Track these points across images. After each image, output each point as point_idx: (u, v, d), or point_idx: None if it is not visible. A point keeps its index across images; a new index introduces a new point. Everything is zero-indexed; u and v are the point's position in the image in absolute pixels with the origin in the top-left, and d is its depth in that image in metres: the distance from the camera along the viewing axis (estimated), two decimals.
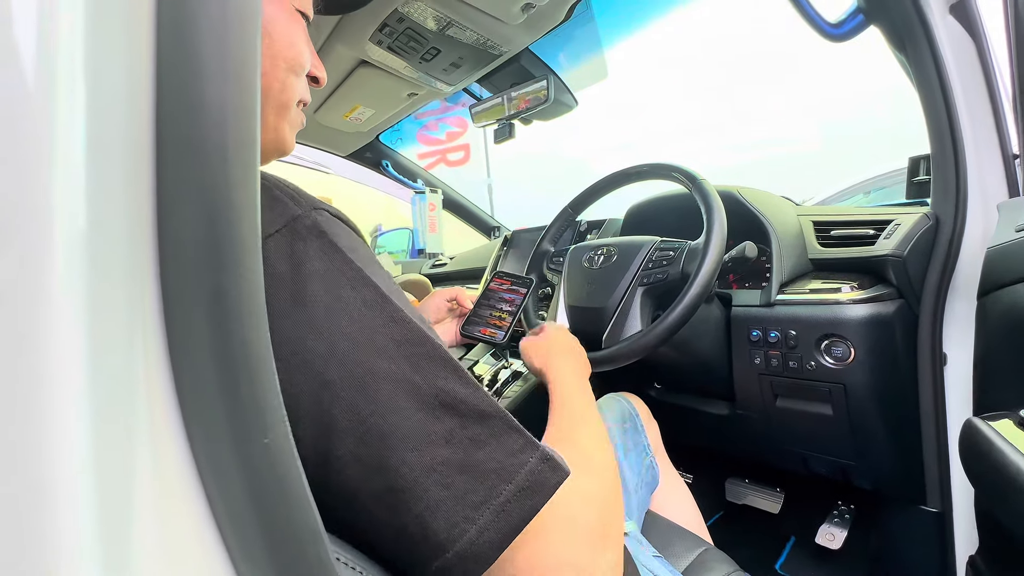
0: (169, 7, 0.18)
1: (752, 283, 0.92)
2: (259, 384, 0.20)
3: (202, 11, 0.19)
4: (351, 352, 0.27)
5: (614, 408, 0.83)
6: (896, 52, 0.77)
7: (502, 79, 1.26)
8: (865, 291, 0.74)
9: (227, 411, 0.19)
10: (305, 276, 0.28)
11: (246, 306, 0.19)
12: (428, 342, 0.30)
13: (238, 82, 0.20)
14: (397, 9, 0.97)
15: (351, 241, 0.31)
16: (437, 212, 1.90)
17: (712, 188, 0.74)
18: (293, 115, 0.44)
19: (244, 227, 0.20)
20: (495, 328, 0.78)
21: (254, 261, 0.20)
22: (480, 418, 0.29)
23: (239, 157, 0.20)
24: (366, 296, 0.29)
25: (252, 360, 0.20)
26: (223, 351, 0.19)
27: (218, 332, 0.19)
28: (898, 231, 0.75)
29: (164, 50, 0.18)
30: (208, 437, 0.19)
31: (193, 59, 0.19)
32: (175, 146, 0.18)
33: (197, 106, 0.19)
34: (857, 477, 0.86)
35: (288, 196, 0.31)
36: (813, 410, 0.80)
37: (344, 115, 1.49)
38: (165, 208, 0.18)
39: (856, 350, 0.73)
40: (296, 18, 0.42)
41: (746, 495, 1.14)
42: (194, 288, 0.18)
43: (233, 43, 0.19)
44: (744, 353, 0.84)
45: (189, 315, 0.18)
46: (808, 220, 0.90)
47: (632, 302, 0.75)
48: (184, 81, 0.18)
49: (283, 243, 0.28)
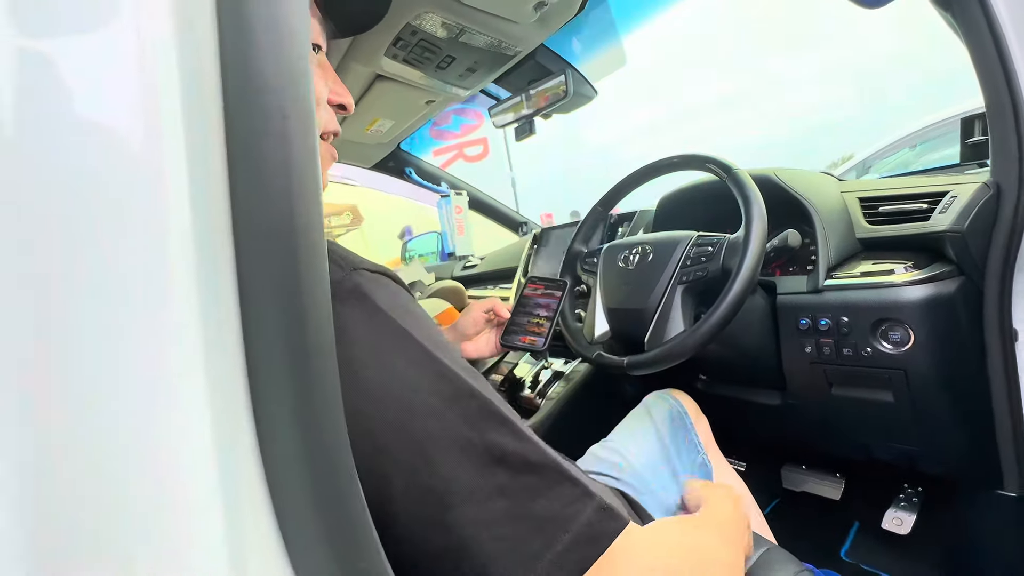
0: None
1: (797, 268, 0.88)
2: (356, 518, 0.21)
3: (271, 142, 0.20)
4: (401, 415, 0.28)
5: (661, 407, 0.82)
6: (940, 9, 0.72)
7: (519, 77, 1.24)
8: (922, 271, 0.70)
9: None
10: (350, 342, 0.29)
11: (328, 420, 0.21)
12: (476, 395, 0.30)
13: (301, 177, 0.20)
14: (409, 23, 0.97)
15: (394, 298, 0.32)
16: (464, 214, 1.90)
17: (748, 177, 0.72)
18: (320, 149, 0.44)
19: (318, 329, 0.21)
20: (534, 335, 0.78)
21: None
22: (533, 469, 0.29)
23: (307, 239, 0.21)
24: (412, 355, 0.30)
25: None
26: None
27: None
28: (955, 204, 0.70)
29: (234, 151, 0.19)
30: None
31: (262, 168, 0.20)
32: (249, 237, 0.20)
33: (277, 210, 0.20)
34: (925, 463, 0.83)
35: (329, 259, 0.31)
36: (872, 397, 0.77)
37: (365, 128, 1.51)
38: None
39: (916, 334, 0.69)
40: None
41: (804, 482, 1.11)
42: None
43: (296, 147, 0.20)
44: (793, 342, 0.81)
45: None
46: (853, 197, 0.85)
47: (672, 301, 0.74)
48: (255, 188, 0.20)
49: None
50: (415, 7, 0.92)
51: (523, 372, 1.27)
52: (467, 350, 0.77)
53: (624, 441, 0.77)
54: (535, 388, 1.20)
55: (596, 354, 0.81)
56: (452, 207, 1.90)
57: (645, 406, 0.83)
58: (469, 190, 1.95)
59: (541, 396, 1.17)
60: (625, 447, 0.75)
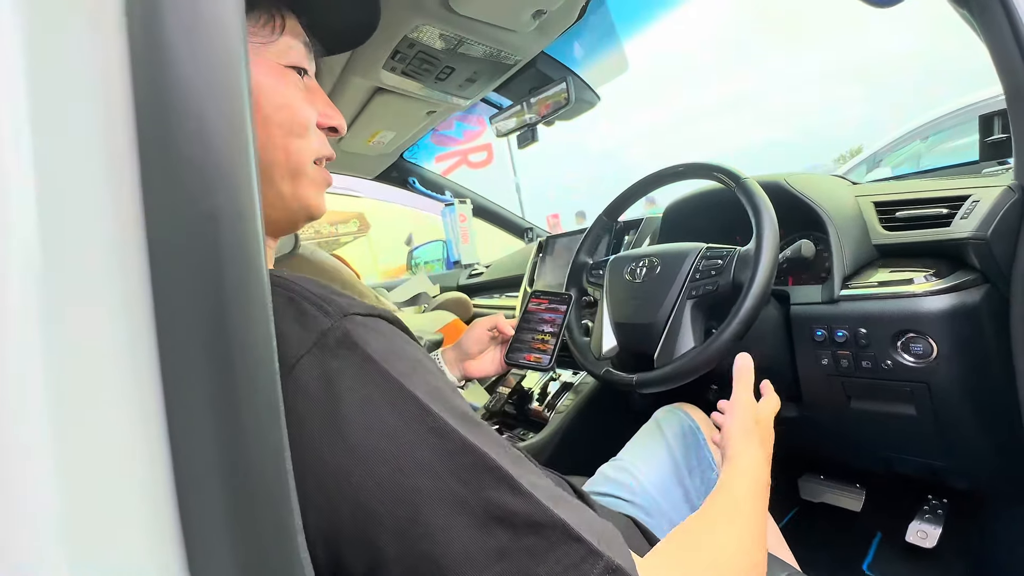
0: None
1: (810, 276, 0.85)
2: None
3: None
4: (393, 475, 0.26)
5: (672, 423, 0.79)
6: (957, 7, 0.69)
7: (520, 85, 1.23)
8: (944, 280, 0.67)
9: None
10: (338, 397, 0.27)
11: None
12: (473, 451, 0.28)
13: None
14: (407, 36, 0.96)
15: (387, 344, 0.30)
16: (468, 222, 1.89)
17: (757, 186, 0.69)
18: (312, 176, 0.42)
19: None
20: (540, 352, 0.76)
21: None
22: (535, 528, 0.27)
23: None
24: (404, 409, 0.28)
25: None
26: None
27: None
28: (977, 208, 0.67)
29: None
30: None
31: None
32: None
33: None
34: (950, 477, 0.79)
35: (317, 307, 0.29)
36: (894, 411, 0.74)
37: (367, 141, 1.50)
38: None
39: (939, 346, 0.66)
40: (285, 77, 0.40)
41: (823, 493, 1.07)
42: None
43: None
44: (809, 354, 0.78)
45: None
46: (868, 201, 0.82)
47: (682, 316, 0.71)
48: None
49: (315, 363, 0.28)
50: (412, 20, 0.91)
51: (532, 383, 1.25)
52: (471, 369, 0.76)
53: (635, 460, 0.74)
54: (544, 400, 1.18)
55: (604, 370, 0.79)
56: (456, 215, 1.88)
57: (656, 422, 0.81)
58: (473, 197, 1.94)
59: (550, 408, 1.15)
60: (635, 466, 0.73)
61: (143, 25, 0.17)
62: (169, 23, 0.17)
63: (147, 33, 0.17)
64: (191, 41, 0.17)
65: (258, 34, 0.39)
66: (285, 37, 0.40)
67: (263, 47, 0.39)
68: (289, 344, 0.28)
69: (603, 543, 0.28)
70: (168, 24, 0.17)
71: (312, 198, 0.43)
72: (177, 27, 0.17)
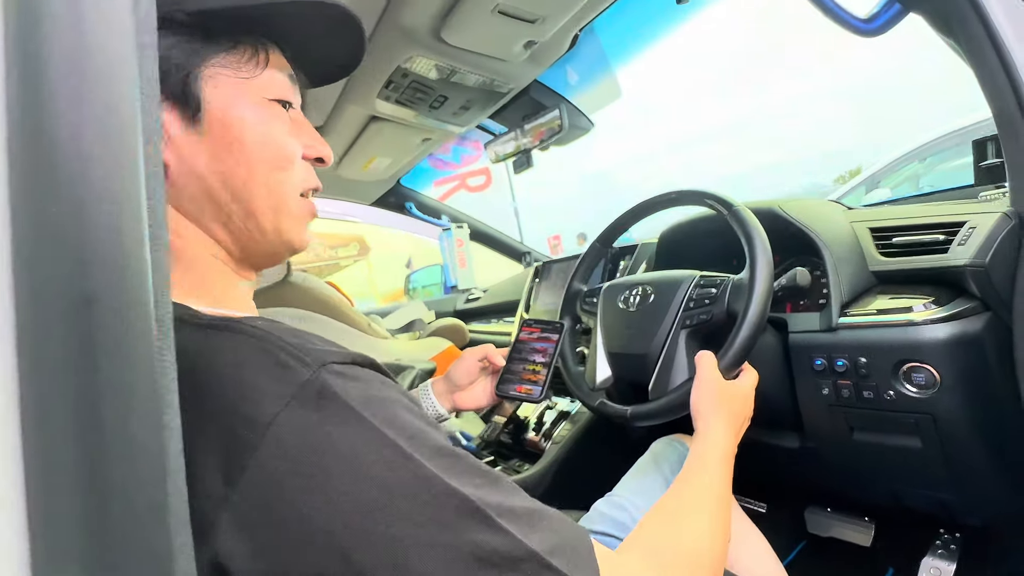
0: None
1: (808, 303, 0.84)
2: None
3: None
4: (380, 526, 0.26)
5: (669, 455, 0.77)
6: (943, 36, 0.69)
7: (514, 112, 1.24)
8: (944, 308, 0.65)
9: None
10: (321, 452, 0.27)
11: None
12: (455, 494, 0.28)
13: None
14: (400, 66, 0.97)
15: (366, 391, 0.30)
16: (465, 247, 1.89)
17: (749, 213, 0.68)
18: (294, 210, 0.42)
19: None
20: (531, 384, 0.74)
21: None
22: (514, 565, 0.28)
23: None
24: (388, 459, 0.28)
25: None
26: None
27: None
28: (974, 235, 0.66)
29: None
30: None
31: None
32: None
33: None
34: (962, 513, 0.76)
35: (295, 358, 0.29)
36: (898, 443, 0.71)
37: (363, 167, 1.51)
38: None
39: (942, 376, 0.64)
40: (269, 110, 0.40)
41: (831, 526, 1.03)
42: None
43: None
44: (809, 384, 0.76)
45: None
46: (863, 227, 0.81)
47: (676, 346, 0.70)
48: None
49: (294, 417, 0.27)
50: (405, 51, 0.92)
51: (528, 412, 1.23)
52: (461, 401, 0.74)
53: (631, 495, 0.72)
54: (540, 430, 1.16)
55: (599, 402, 0.76)
56: (453, 240, 1.89)
57: (652, 454, 0.78)
58: (471, 222, 1.94)
59: (547, 438, 1.12)
60: (632, 502, 0.70)
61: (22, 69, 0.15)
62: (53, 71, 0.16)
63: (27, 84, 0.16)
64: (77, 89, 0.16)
65: (242, 69, 0.39)
66: (269, 71, 0.40)
67: (247, 82, 0.39)
68: (264, 397, 0.28)
69: (571, 563, 0.30)
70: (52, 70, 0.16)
71: (293, 233, 0.42)
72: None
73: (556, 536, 0.31)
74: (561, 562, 0.30)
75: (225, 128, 0.37)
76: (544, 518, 0.32)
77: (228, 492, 0.26)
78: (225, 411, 0.27)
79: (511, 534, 0.29)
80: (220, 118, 0.37)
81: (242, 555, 0.26)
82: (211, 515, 0.25)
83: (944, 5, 0.64)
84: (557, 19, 0.86)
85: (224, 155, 0.37)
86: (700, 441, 0.55)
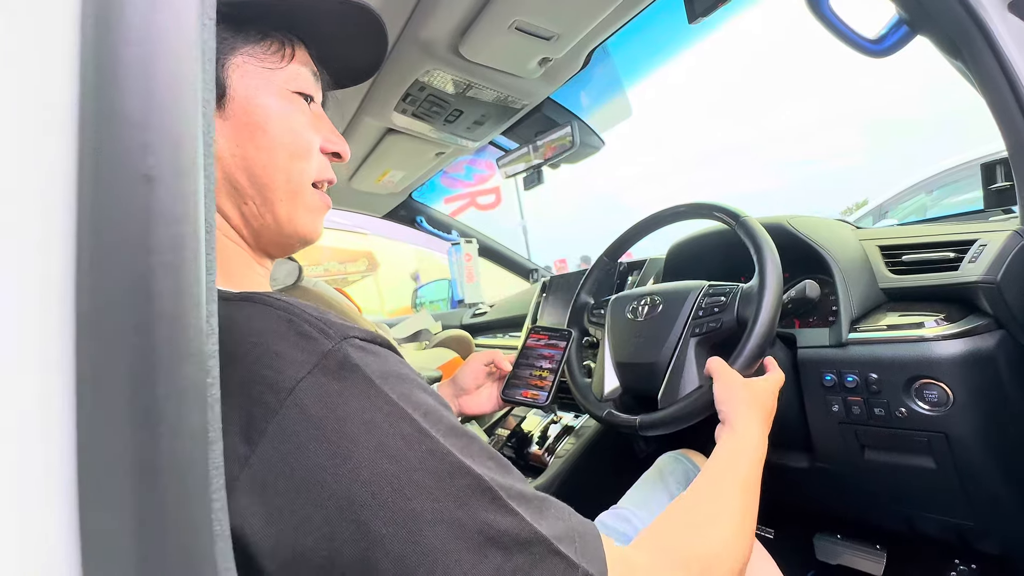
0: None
1: (817, 319, 0.83)
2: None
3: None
4: (396, 498, 0.27)
5: (676, 471, 0.76)
6: (951, 59, 0.71)
7: (526, 129, 1.27)
8: (955, 324, 0.65)
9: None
10: (342, 419, 0.27)
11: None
12: (468, 472, 0.29)
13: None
14: (418, 79, 1.00)
15: (384, 366, 0.30)
16: (473, 261, 1.90)
17: (757, 223, 0.69)
18: (309, 199, 0.43)
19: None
20: (537, 389, 0.74)
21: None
22: (523, 547, 0.29)
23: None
24: (405, 432, 0.28)
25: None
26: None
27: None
28: (985, 253, 0.66)
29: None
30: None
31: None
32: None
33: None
34: (978, 540, 0.74)
35: (318, 329, 0.30)
36: (911, 463, 0.70)
37: (376, 179, 1.54)
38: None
39: (955, 393, 0.63)
40: (291, 101, 0.41)
41: (841, 554, 1.00)
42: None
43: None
44: (818, 400, 0.75)
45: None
46: (873, 245, 0.82)
47: (686, 355, 0.69)
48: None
49: (316, 384, 0.28)
50: (423, 64, 0.95)
51: (531, 426, 1.21)
52: (466, 406, 0.73)
53: (636, 508, 0.70)
54: (544, 444, 1.14)
55: (607, 412, 0.76)
56: (462, 254, 1.90)
57: (658, 469, 0.77)
58: (479, 238, 1.96)
59: (550, 452, 1.11)
60: (636, 515, 0.69)
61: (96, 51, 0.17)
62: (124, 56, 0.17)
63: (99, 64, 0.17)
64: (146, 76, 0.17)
65: (268, 60, 0.41)
66: (294, 65, 0.42)
67: (272, 73, 0.41)
68: (287, 364, 0.28)
69: (580, 552, 0.30)
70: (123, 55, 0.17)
71: (307, 221, 0.43)
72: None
73: (565, 524, 0.31)
74: (569, 549, 0.30)
75: (248, 114, 0.39)
76: (553, 506, 0.32)
77: (248, 452, 0.26)
78: (248, 377, 0.28)
79: (521, 517, 0.29)
80: (244, 105, 0.39)
81: (256, 518, 0.26)
82: (230, 477, 0.26)
83: (949, 27, 0.65)
84: (572, 37, 0.88)
85: (246, 140, 0.39)
86: (733, 438, 0.51)
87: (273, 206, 0.41)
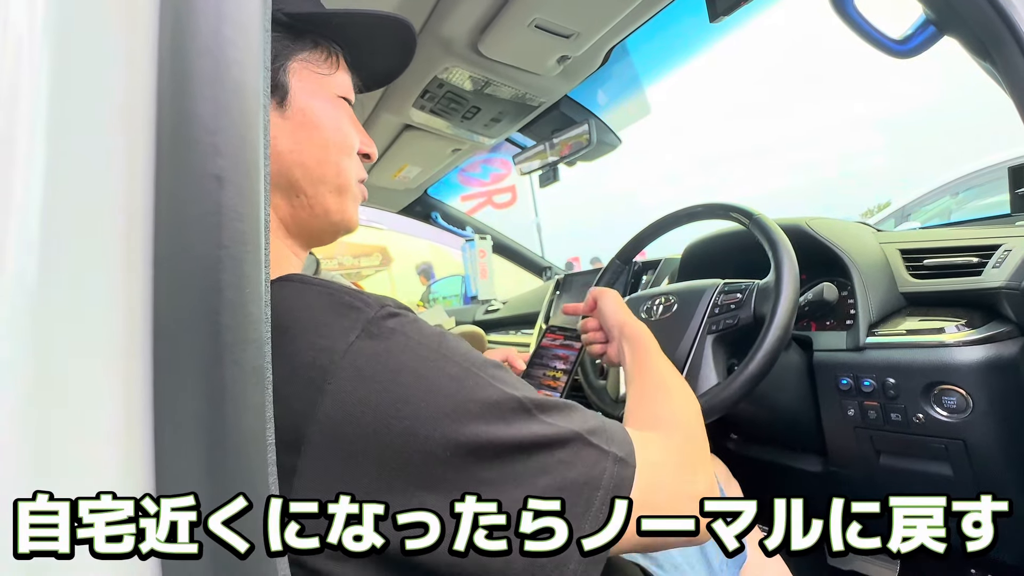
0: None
1: (835, 323, 0.82)
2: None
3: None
4: (454, 426, 0.30)
5: None
6: (979, 60, 0.69)
7: (543, 126, 1.27)
8: (977, 330, 0.64)
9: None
10: (396, 371, 0.31)
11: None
12: (511, 398, 0.33)
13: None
14: (436, 76, 1.01)
15: (418, 325, 0.34)
16: (487, 258, 1.91)
17: (772, 222, 0.68)
18: (355, 193, 0.47)
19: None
20: (550, 389, 0.74)
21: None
22: (563, 444, 0.33)
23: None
24: (450, 371, 0.32)
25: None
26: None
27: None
28: (1010, 258, 0.65)
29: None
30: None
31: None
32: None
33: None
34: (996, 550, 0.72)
35: (358, 299, 0.33)
36: (928, 470, 0.69)
37: (393, 175, 1.55)
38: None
39: (975, 400, 0.63)
40: (339, 105, 0.45)
41: (852, 560, 0.99)
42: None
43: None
44: (834, 404, 0.74)
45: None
46: (893, 248, 0.80)
47: (703, 352, 0.69)
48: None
49: (366, 347, 0.31)
50: (442, 62, 0.96)
51: None
52: None
53: None
54: None
55: (621, 413, 0.76)
56: (476, 250, 1.91)
57: None
58: (494, 234, 1.97)
59: None
60: None
61: (172, 58, 0.18)
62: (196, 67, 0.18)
63: (174, 70, 0.18)
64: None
65: (321, 67, 0.44)
66: (340, 71, 0.46)
67: (324, 78, 0.44)
68: (336, 332, 0.31)
69: (608, 441, 0.35)
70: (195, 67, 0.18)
71: (351, 212, 0.47)
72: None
73: (593, 420, 0.36)
74: (601, 440, 0.35)
75: (305, 115, 0.42)
76: (578, 410, 0.37)
77: (310, 413, 0.29)
78: (301, 347, 0.31)
79: (555, 424, 0.34)
80: (302, 106, 0.42)
81: (334, 468, 0.29)
82: (296, 437, 0.29)
83: (979, 28, 0.64)
84: (591, 35, 0.88)
85: (303, 138, 0.42)
86: (641, 339, 0.58)
87: (324, 198, 0.44)
